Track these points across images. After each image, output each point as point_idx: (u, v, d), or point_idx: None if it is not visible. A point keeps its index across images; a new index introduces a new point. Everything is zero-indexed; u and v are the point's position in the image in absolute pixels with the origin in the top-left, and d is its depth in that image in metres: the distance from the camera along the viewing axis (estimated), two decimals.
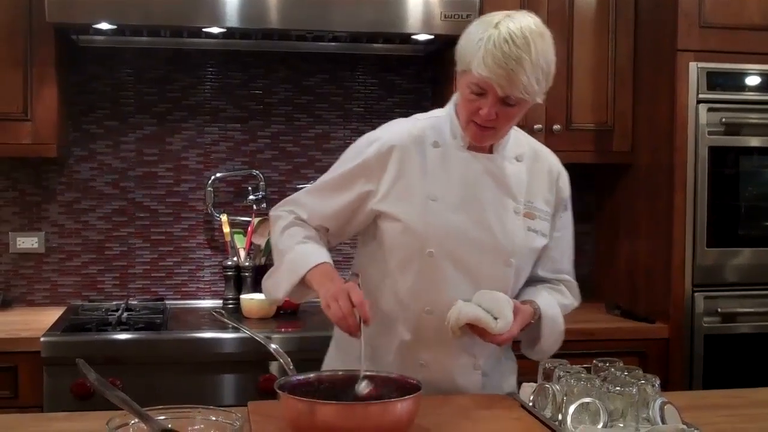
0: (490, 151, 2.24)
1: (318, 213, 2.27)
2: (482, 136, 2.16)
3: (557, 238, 2.34)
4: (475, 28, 2.10)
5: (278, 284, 2.22)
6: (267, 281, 2.30)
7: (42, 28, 3.30)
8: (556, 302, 2.31)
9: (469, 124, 2.15)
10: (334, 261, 2.22)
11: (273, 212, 2.36)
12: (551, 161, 2.34)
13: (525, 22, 2.06)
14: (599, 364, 2.11)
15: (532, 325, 2.24)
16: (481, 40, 2.04)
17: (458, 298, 2.14)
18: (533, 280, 2.34)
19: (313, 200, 2.29)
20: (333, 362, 2.36)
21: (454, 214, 2.17)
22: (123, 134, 3.79)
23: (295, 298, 2.24)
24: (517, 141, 2.29)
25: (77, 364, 1.73)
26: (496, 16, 2.09)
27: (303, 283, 2.17)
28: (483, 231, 2.18)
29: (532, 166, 2.29)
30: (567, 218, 2.37)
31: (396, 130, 2.26)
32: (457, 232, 2.16)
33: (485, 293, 2.14)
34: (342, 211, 2.25)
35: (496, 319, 2.09)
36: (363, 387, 1.95)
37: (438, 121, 2.26)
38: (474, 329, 2.12)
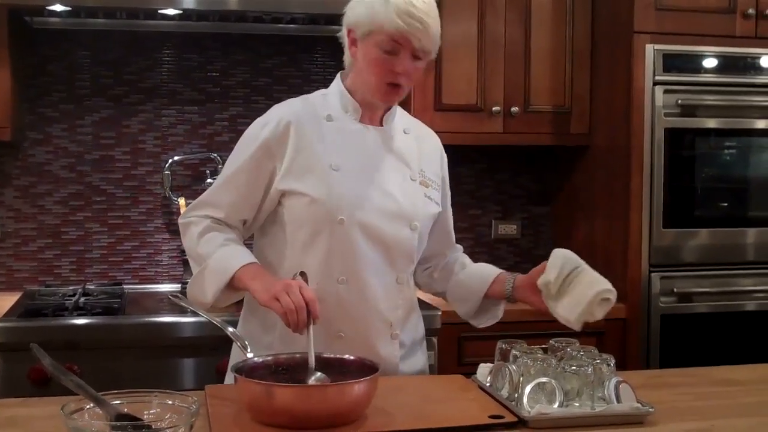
0: (380, 124, 2.30)
1: (236, 207, 2.24)
2: (394, 95, 2.21)
3: (448, 215, 2.46)
4: None
5: (204, 288, 2.18)
6: (192, 288, 2.23)
7: None
8: None
9: (381, 85, 2.18)
10: None
11: (182, 219, 2.30)
12: (435, 138, 2.45)
13: None
14: (555, 344, 2.13)
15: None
16: (386, 0, 2.11)
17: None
18: (450, 263, 2.46)
19: (226, 196, 2.25)
20: (247, 330, 2.30)
21: (357, 183, 2.20)
22: (79, 117, 3.75)
23: (220, 302, 2.19)
24: (402, 116, 2.38)
25: (31, 349, 1.72)
26: None
27: (230, 286, 2.15)
28: (386, 197, 2.22)
29: (420, 140, 2.38)
30: (449, 195, 2.47)
31: (287, 108, 2.28)
32: (362, 200, 2.18)
33: (563, 258, 2.18)
34: (257, 197, 2.23)
35: None
36: (316, 379, 1.95)
37: (326, 98, 2.31)
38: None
